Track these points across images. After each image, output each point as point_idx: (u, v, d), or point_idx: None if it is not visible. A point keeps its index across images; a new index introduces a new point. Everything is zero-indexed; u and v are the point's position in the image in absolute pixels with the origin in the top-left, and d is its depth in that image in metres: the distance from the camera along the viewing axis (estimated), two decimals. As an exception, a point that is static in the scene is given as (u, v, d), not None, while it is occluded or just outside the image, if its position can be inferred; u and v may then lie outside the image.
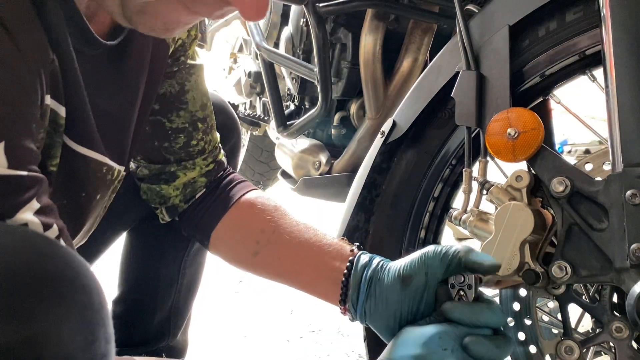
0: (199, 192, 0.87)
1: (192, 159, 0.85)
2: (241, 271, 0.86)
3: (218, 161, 0.89)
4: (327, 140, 1.40)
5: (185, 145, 0.83)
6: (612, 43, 0.61)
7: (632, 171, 0.59)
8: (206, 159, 0.86)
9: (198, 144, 0.85)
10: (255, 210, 0.84)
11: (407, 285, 0.64)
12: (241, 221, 0.84)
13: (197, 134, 0.84)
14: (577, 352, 0.66)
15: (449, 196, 0.85)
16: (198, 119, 0.84)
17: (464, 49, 0.75)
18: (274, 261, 0.81)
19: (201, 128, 0.84)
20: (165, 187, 0.85)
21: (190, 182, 0.86)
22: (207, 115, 0.85)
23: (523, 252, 0.66)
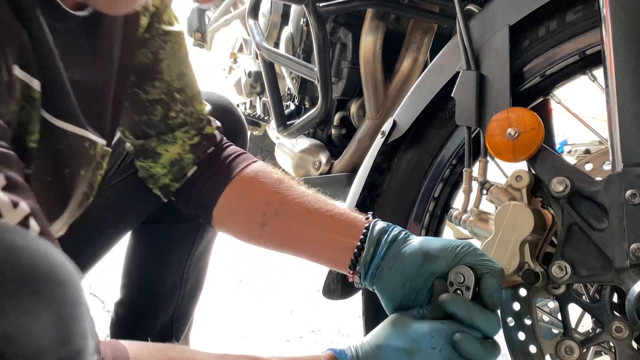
0: (189, 169, 0.84)
1: (172, 131, 0.82)
2: (241, 271, 0.86)
3: (206, 135, 0.85)
4: (327, 140, 1.40)
5: (164, 117, 0.81)
6: (612, 43, 0.61)
7: (632, 171, 0.59)
8: (188, 131, 0.83)
9: (177, 115, 0.82)
10: (259, 182, 0.82)
11: (429, 262, 0.65)
12: (244, 194, 0.82)
13: (175, 105, 0.81)
14: (577, 352, 0.66)
15: (449, 196, 0.85)
16: (175, 89, 0.81)
17: (464, 49, 0.75)
18: (283, 231, 0.80)
19: (179, 99, 0.81)
20: (153, 165, 0.83)
21: (177, 160, 0.83)
22: (185, 85, 0.82)
23: (523, 252, 0.66)
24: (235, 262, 1.90)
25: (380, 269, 0.69)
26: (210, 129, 0.86)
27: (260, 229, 0.80)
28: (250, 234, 0.83)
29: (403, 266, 0.66)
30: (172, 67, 0.80)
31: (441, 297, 0.61)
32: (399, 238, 0.69)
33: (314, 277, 1.80)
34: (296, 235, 0.79)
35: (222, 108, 0.96)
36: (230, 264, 1.85)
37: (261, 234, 0.81)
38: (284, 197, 0.80)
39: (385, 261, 0.68)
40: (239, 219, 0.83)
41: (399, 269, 0.67)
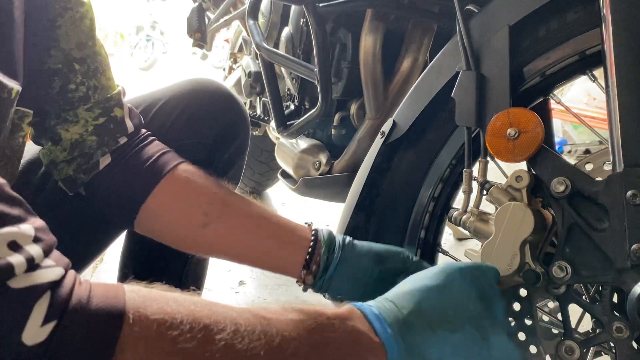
0: (98, 158, 0.76)
1: (73, 108, 0.74)
2: (241, 271, 0.86)
3: (114, 118, 0.77)
4: (327, 140, 1.40)
5: (63, 90, 0.73)
6: (612, 43, 0.60)
7: (633, 171, 0.59)
8: (92, 109, 0.75)
9: (78, 88, 0.74)
10: (197, 182, 0.77)
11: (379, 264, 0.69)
12: (182, 192, 0.76)
13: (74, 76, 0.73)
14: (578, 352, 0.66)
15: (449, 196, 0.85)
16: (74, 58, 0.73)
17: (464, 49, 0.74)
18: (227, 233, 0.76)
19: (79, 70, 0.74)
20: (52, 149, 0.75)
21: (78, 142, 0.75)
22: (87, 56, 0.75)
23: (523, 252, 0.66)
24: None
25: (338, 271, 0.71)
26: (119, 112, 0.78)
27: (201, 230, 0.76)
28: (186, 237, 0.78)
29: (357, 268, 0.69)
30: (70, 36, 0.73)
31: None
32: (347, 242, 0.73)
33: (314, 277, 1.80)
34: (241, 238, 0.76)
35: (218, 97, 0.91)
36: (230, 264, 1.85)
37: (202, 235, 0.76)
38: (227, 198, 0.77)
39: (342, 265, 0.71)
40: (174, 218, 0.77)
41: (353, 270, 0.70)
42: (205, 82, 0.94)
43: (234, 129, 0.93)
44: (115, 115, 0.77)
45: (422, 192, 0.83)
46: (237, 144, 0.95)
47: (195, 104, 0.90)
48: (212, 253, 0.79)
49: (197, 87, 0.92)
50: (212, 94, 0.92)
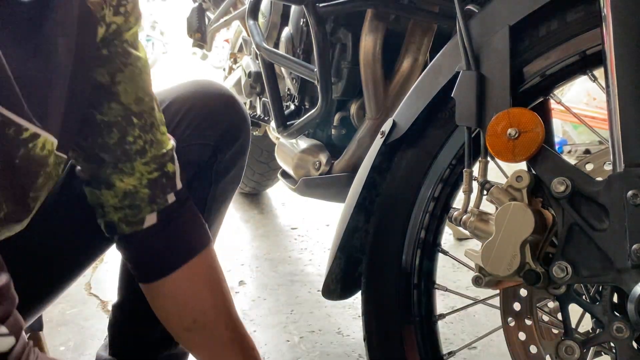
0: (144, 213, 0.78)
1: (130, 160, 0.76)
2: (241, 271, 0.86)
3: (167, 173, 0.79)
4: (327, 140, 1.40)
5: (121, 141, 0.75)
6: (612, 43, 0.60)
7: (633, 171, 0.59)
8: (148, 164, 0.77)
9: (136, 141, 0.76)
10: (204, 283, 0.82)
11: None
12: (189, 287, 0.81)
13: (132, 129, 0.76)
14: (578, 352, 0.66)
15: (449, 196, 0.85)
16: (133, 112, 0.76)
17: (464, 49, 0.74)
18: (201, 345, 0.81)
19: (137, 124, 0.76)
20: (105, 192, 0.77)
21: (130, 192, 0.77)
22: (144, 111, 0.77)
23: (524, 252, 0.66)
24: (235, 262, 1.90)
25: None
26: (171, 168, 0.80)
27: (182, 332, 0.81)
28: (171, 328, 0.83)
29: None
30: (129, 92, 0.75)
31: None
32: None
33: (314, 277, 1.80)
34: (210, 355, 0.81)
35: (221, 99, 0.92)
36: (230, 264, 1.85)
37: (180, 336, 0.82)
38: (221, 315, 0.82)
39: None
40: (170, 308, 0.82)
41: None
42: (208, 84, 0.95)
43: (235, 130, 0.94)
44: (168, 171, 0.80)
45: (422, 192, 0.83)
46: (238, 145, 0.95)
47: (198, 106, 0.91)
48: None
49: (199, 89, 0.93)
50: (214, 95, 0.92)
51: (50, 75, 0.63)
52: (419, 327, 0.85)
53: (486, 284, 0.70)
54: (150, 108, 0.78)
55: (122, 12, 0.73)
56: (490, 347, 1.36)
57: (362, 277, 0.88)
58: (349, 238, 0.87)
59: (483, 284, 0.70)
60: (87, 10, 0.68)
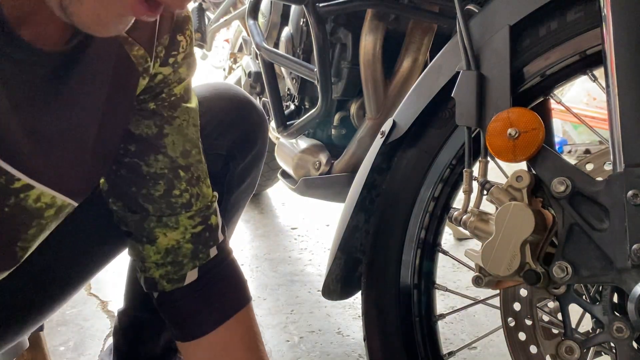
0: (186, 269, 0.75)
1: (175, 214, 0.73)
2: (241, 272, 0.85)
3: (210, 225, 0.76)
4: (327, 140, 1.40)
5: (167, 194, 0.73)
6: (613, 43, 0.60)
7: (634, 171, 0.59)
8: (193, 217, 0.75)
9: (182, 195, 0.74)
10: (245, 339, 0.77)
11: None
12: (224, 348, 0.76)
13: (179, 183, 0.73)
14: (578, 352, 0.66)
15: (449, 196, 0.85)
16: (180, 165, 0.73)
17: (464, 49, 0.74)
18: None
19: (184, 177, 0.74)
20: (147, 248, 0.75)
21: (174, 248, 0.74)
22: (191, 164, 0.75)
23: (524, 252, 0.66)
24: (235, 263, 1.89)
25: None
26: (214, 220, 0.78)
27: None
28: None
29: None
30: (176, 144, 0.73)
31: None
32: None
33: (314, 277, 1.80)
34: None
35: (235, 104, 0.88)
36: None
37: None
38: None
39: None
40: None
41: None
42: (223, 89, 0.91)
43: (251, 138, 0.90)
44: (211, 224, 0.77)
45: (422, 192, 0.83)
46: (253, 153, 0.91)
47: (210, 113, 0.87)
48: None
49: (214, 94, 0.89)
50: (228, 101, 0.89)
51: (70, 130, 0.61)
52: (419, 327, 0.85)
53: (486, 284, 0.70)
54: (197, 161, 0.76)
55: (170, 63, 0.71)
56: (490, 347, 1.36)
57: (362, 277, 0.88)
58: (349, 238, 0.87)
59: (483, 284, 0.70)
60: (129, 64, 0.66)
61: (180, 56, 0.71)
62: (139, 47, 0.66)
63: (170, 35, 0.69)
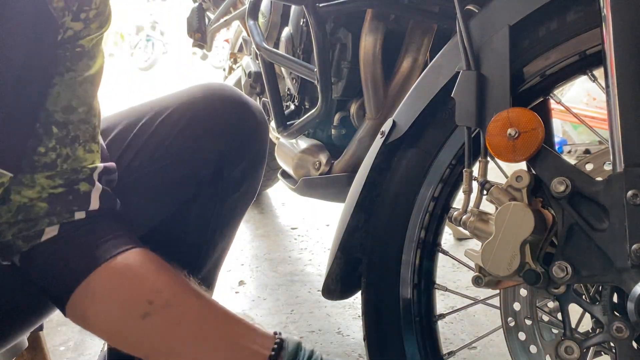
0: (41, 225, 0.66)
1: (33, 171, 0.65)
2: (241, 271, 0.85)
3: (76, 191, 0.67)
4: (327, 140, 1.40)
5: (29, 150, 0.65)
6: (612, 43, 0.60)
7: (633, 171, 0.59)
8: (53, 178, 0.66)
9: (47, 153, 0.65)
10: (151, 266, 0.67)
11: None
12: (127, 274, 0.66)
13: (48, 139, 0.65)
14: (578, 352, 0.66)
15: (449, 196, 0.85)
16: (55, 121, 0.66)
17: (464, 49, 0.74)
18: (171, 327, 0.64)
19: (56, 134, 0.66)
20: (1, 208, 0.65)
21: (25, 205, 0.65)
22: (70, 122, 0.67)
23: (523, 252, 0.66)
24: (235, 262, 1.90)
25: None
26: (85, 187, 0.68)
27: (139, 322, 0.64)
28: (120, 329, 0.66)
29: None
30: (60, 97, 0.66)
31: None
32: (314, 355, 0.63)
33: (314, 277, 1.80)
34: (189, 333, 0.64)
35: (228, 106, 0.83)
36: (230, 264, 1.85)
37: (138, 328, 0.64)
38: (181, 290, 0.66)
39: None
40: (111, 304, 0.66)
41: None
42: (217, 90, 0.85)
43: (246, 141, 0.85)
44: (79, 189, 0.68)
45: (422, 192, 0.83)
46: (250, 158, 0.87)
47: (203, 115, 0.83)
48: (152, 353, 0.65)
49: (207, 95, 0.85)
50: (223, 102, 0.84)
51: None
52: (419, 327, 0.85)
53: (486, 284, 0.70)
54: (82, 120, 0.68)
55: (82, 18, 0.66)
56: (490, 347, 1.36)
57: (362, 277, 0.88)
58: (349, 238, 0.87)
59: (483, 284, 0.70)
60: (49, 17, 0.62)
61: (92, 12, 0.66)
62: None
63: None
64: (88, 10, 0.66)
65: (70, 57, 0.66)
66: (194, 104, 0.83)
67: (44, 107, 0.65)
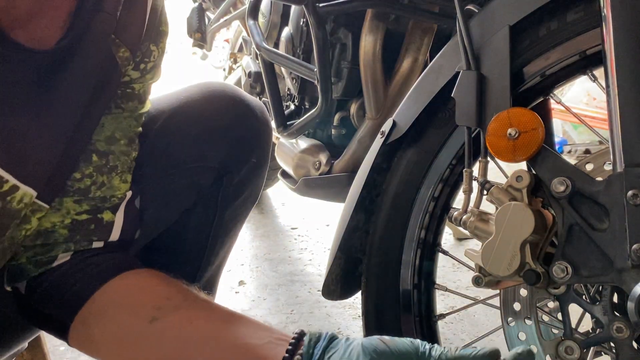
0: (56, 251, 0.65)
1: (64, 195, 0.64)
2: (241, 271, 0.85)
3: (100, 220, 0.67)
4: (327, 140, 1.40)
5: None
6: (613, 43, 0.60)
7: (634, 171, 0.59)
8: (80, 203, 0.66)
9: (82, 179, 0.65)
10: (159, 279, 0.67)
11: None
12: (136, 286, 0.66)
13: (86, 167, 0.65)
14: (578, 352, 0.66)
15: (449, 196, 0.85)
16: (96, 149, 0.66)
17: (464, 49, 0.74)
18: (181, 327, 0.62)
19: (95, 162, 0.66)
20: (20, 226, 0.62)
21: (47, 231, 0.64)
22: (111, 152, 0.68)
23: (524, 252, 0.66)
24: (235, 262, 1.90)
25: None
26: (109, 217, 0.68)
27: (146, 326, 0.62)
28: (127, 338, 0.63)
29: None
30: (104, 129, 0.67)
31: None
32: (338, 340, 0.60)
33: (314, 277, 1.80)
34: (199, 333, 0.61)
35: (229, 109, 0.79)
36: (230, 264, 1.85)
37: (148, 332, 0.62)
38: (189, 294, 0.66)
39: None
40: (119, 315, 0.64)
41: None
42: (217, 90, 0.82)
43: (247, 146, 0.81)
44: (102, 218, 0.68)
45: (422, 192, 0.83)
46: (252, 164, 0.83)
47: (201, 119, 0.79)
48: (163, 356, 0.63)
49: (207, 97, 0.81)
50: (223, 104, 0.80)
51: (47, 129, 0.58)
52: (419, 327, 0.85)
53: (486, 284, 0.70)
54: (122, 152, 0.69)
55: (140, 69, 0.70)
56: (490, 347, 1.36)
57: (362, 277, 0.88)
58: (349, 238, 0.87)
59: (483, 284, 0.70)
60: (114, 65, 0.64)
61: (150, 64, 0.71)
62: (125, 49, 0.66)
63: (149, 44, 0.70)
64: (147, 62, 0.71)
65: (121, 96, 0.69)
66: (192, 107, 0.80)
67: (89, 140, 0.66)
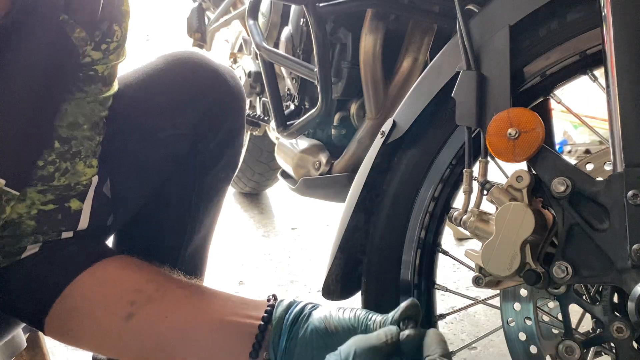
0: (25, 242, 0.65)
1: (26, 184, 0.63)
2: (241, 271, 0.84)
3: (67, 209, 0.66)
4: (327, 140, 1.40)
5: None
6: (613, 43, 0.60)
7: (634, 171, 0.59)
8: (45, 193, 0.65)
9: (45, 167, 0.64)
10: (129, 270, 0.66)
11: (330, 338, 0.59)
12: (107, 280, 0.65)
13: (48, 153, 0.64)
14: (578, 352, 0.66)
15: (449, 196, 0.85)
16: (58, 136, 0.65)
17: (464, 49, 0.74)
18: (157, 321, 0.62)
19: (57, 149, 0.65)
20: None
21: (13, 221, 0.64)
22: (73, 137, 0.66)
23: (524, 252, 0.66)
24: (235, 262, 1.90)
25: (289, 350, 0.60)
26: (76, 205, 0.68)
27: (123, 324, 0.62)
28: (107, 335, 0.64)
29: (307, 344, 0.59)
30: (67, 114, 0.66)
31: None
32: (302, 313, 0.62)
33: (313, 277, 1.80)
34: (176, 324, 0.62)
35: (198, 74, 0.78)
36: (230, 264, 1.85)
37: (126, 329, 0.62)
38: (162, 283, 0.65)
39: (291, 341, 0.60)
40: (93, 312, 0.64)
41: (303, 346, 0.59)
42: (183, 58, 0.81)
43: (219, 112, 0.80)
44: (69, 207, 0.67)
45: (422, 192, 0.83)
46: (226, 129, 0.82)
47: (168, 88, 0.78)
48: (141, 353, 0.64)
49: (173, 65, 0.80)
50: (190, 71, 0.79)
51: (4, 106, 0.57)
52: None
53: (486, 284, 0.70)
54: (85, 137, 0.68)
55: (102, 49, 0.67)
56: (490, 347, 1.36)
57: (362, 277, 0.88)
58: (349, 238, 0.87)
59: (483, 284, 0.70)
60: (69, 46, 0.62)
61: (113, 45, 0.68)
62: (80, 29, 0.63)
63: (110, 23, 0.66)
64: (110, 42, 0.67)
65: (83, 79, 0.67)
66: (159, 77, 0.79)
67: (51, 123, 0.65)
